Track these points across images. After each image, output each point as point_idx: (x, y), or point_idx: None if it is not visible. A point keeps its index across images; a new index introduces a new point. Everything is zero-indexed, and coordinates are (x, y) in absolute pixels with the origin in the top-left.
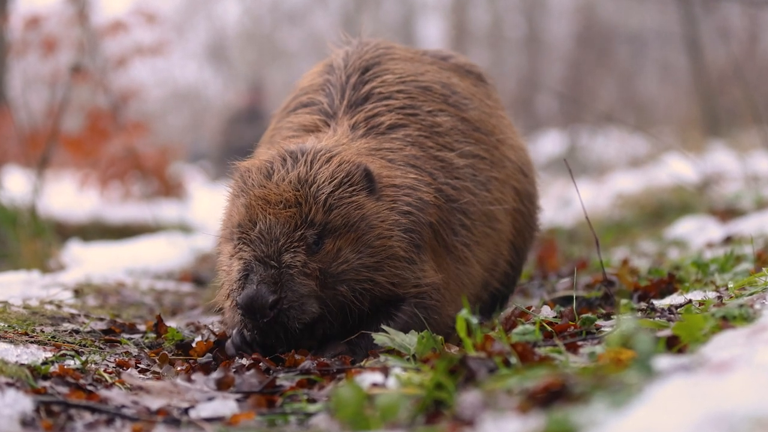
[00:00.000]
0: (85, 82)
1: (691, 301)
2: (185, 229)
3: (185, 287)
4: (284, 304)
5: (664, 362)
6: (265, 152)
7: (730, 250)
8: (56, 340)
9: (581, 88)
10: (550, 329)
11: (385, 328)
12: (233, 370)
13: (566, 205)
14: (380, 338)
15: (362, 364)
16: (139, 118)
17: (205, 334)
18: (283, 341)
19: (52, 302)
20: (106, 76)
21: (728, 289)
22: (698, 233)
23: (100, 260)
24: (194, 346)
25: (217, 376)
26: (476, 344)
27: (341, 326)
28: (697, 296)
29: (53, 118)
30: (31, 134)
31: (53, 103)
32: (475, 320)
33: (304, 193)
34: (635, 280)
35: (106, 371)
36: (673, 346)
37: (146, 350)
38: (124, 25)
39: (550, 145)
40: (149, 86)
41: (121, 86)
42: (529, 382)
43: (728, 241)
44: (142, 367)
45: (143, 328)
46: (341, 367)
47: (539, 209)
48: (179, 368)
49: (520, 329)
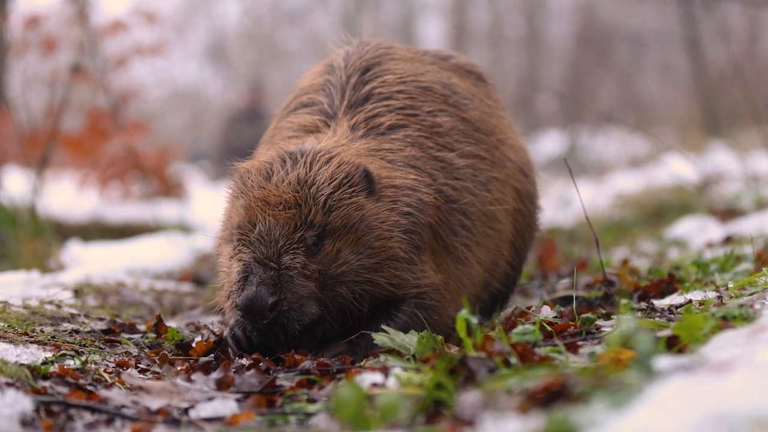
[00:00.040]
0: (85, 82)
1: (691, 301)
2: (185, 229)
3: (185, 287)
4: (284, 305)
5: (664, 362)
6: (264, 153)
7: (730, 250)
8: (56, 340)
9: (581, 88)
10: (550, 329)
11: (385, 328)
12: (233, 370)
13: (566, 205)
14: (380, 338)
15: (362, 364)
16: (139, 118)
17: (205, 334)
18: (282, 343)
19: (51, 302)
20: (106, 76)
21: (728, 289)
22: (698, 233)
23: (100, 260)
24: (194, 346)
25: (217, 376)
26: (476, 344)
27: (341, 327)
28: (697, 296)
29: (53, 117)
30: (30, 134)
31: (53, 103)
32: (475, 320)
33: (303, 194)
34: (635, 280)
35: (106, 371)
36: (673, 346)
37: (146, 350)
38: (124, 25)
39: (550, 145)
40: (149, 86)
41: (121, 86)
42: (529, 382)
43: (728, 241)
44: (142, 367)
45: (143, 328)
46: (341, 367)
47: (540, 209)
48: (179, 368)
49: (520, 329)
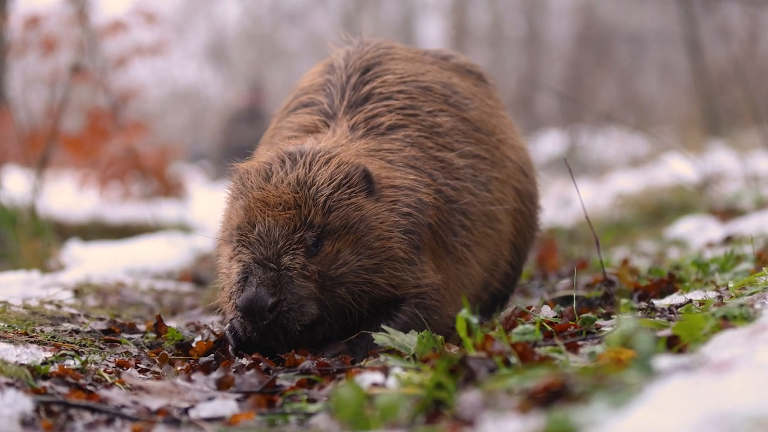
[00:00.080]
0: (84, 82)
1: (691, 300)
2: (185, 229)
3: (185, 287)
4: (283, 306)
5: (664, 362)
6: (264, 154)
7: (730, 249)
8: (56, 340)
9: (581, 88)
10: (550, 329)
11: (385, 328)
12: (233, 370)
13: (566, 204)
14: (380, 338)
15: (362, 364)
16: (139, 118)
17: (205, 334)
18: (283, 343)
19: (51, 302)
20: (105, 76)
21: (728, 288)
22: (698, 233)
23: (99, 260)
24: (194, 346)
25: (217, 376)
26: (476, 344)
27: (341, 327)
28: (697, 296)
29: (53, 117)
30: (30, 134)
31: (53, 103)
32: (475, 320)
33: (303, 195)
34: (635, 279)
35: (106, 371)
36: (673, 345)
37: (146, 350)
38: (123, 25)
39: (550, 144)
40: (149, 86)
41: (120, 86)
42: (529, 381)
43: (728, 240)
44: (142, 367)
45: (143, 328)
46: (341, 367)
47: (540, 209)
48: (179, 368)
49: (520, 329)
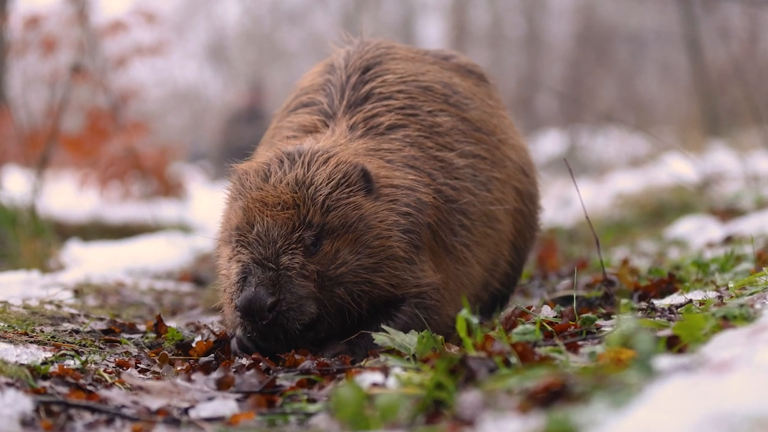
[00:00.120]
0: (84, 82)
1: (691, 300)
2: (185, 229)
3: (185, 287)
4: (283, 306)
5: (664, 362)
6: (262, 154)
7: (730, 249)
8: (56, 340)
9: (581, 88)
10: (550, 329)
11: (385, 328)
12: (233, 370)
13: (566, 204)
14: (380, 338)
15: (362, 364)
16: (138, 118)
17: (205, 334)
18: (282, 343)
19: (51, 302)
20: (105, 76)
21: (728, 288)
22: (698, 233)
23: (99, 260)
24: (194, 346)
25: (217, 376)
26: (476, 344)
27: (341, 327)
28: (697, 296)
29: (53, 117)
30: (30, 134)
31: (53, 102)
32: (475, 320)
33: (301, 194)
34: (635, 279)
35: (106, 371)
36: (673, 345)
37: (146, 350)
38: (123, 25)
39: (550, 144)
40: (149, 86)
41: (120, 86)
42: (529, 381)
43: (728, 240)
44: (142, 367)
45: (143, 328)
46: (341, 367)
47: (540, 209)
48: (179, 368)
49: (520, 329)
